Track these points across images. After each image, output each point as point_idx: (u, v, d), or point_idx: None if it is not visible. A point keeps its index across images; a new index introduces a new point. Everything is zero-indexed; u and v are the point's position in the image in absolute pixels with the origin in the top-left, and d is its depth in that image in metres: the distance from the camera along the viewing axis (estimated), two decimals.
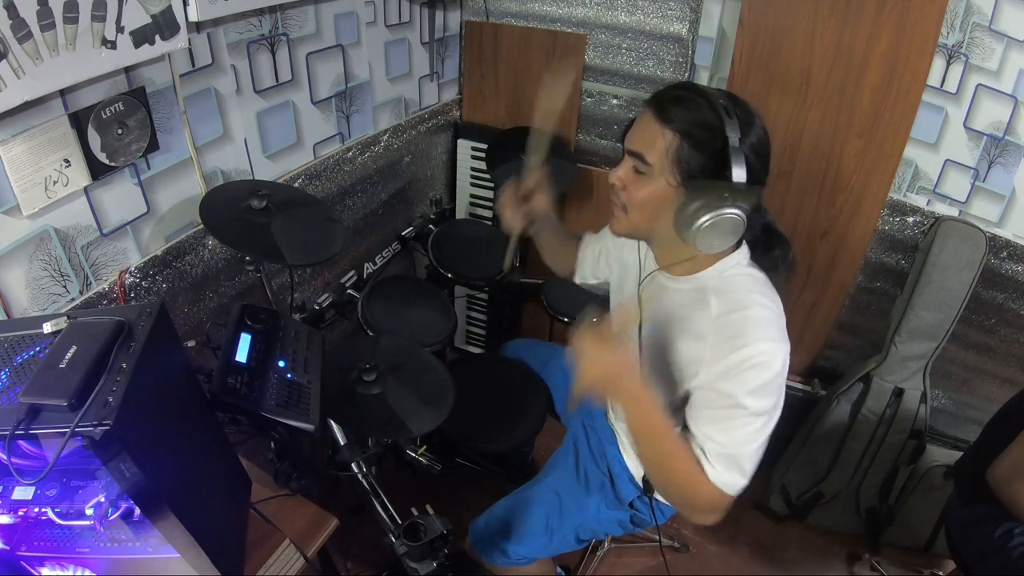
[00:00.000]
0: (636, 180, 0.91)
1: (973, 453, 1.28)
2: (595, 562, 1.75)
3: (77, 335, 0.67)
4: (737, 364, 0.87)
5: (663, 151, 0.86)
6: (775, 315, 0.91)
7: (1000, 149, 1.51)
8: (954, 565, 1.35)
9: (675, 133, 0.85)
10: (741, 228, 0.85)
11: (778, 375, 0.88)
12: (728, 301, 0.91)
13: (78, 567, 0.85)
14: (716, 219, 0.83)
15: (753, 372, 0.87)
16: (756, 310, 0.89)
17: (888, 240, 1.72)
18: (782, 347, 0.89)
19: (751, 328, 0.88)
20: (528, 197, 1.24)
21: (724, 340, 0.89)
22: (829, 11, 1.48)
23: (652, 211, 0.91)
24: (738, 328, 0.89)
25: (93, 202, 1.10)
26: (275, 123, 1.42)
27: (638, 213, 0.93)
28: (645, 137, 0.88)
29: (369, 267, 1.72)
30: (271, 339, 0.98)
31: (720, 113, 0.83)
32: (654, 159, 0.87)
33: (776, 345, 0.88)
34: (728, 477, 0.90)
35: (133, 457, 0.63)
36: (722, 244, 0.87)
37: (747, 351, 0.87)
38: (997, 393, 1.77)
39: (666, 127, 0.86)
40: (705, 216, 0.83)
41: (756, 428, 0.89)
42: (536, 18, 1.87)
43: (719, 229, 0.84)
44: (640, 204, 0.92)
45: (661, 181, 0.88)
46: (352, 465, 1.19)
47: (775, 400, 0.90)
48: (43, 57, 0.89)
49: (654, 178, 0.88)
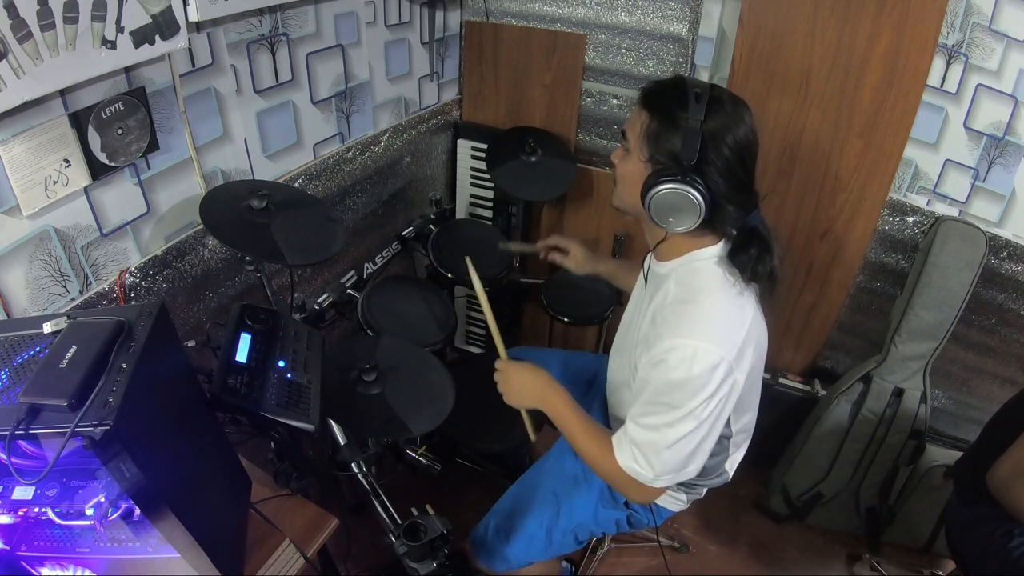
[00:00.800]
0: (622, 157, 1.00)
1: (972, 454, 1.28)
2: (595, 562, 1.75)
3: (77, 335, 0.67)
4: (660, 353, 0.91)
5: (639, 129, 0.94)
6: (723, 316, 0.91)
7: (1000, 149, 1.51)
8: (954, 565, 1.35)
9: (649, 114, 0.92)
10: (696, 209, 0.89)
11: (698, 377, 0.88)
12: (680, 291, 0.95)
13: (78, 567, 0.85)
14: (666, 193, 0.89)
15: (669, 365, 0.90)
16: (700, 306, 0.92)
17: (888, 240, 1.72)
18: (714, 349, 0.88)
19: (684, 322, 0.91)
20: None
21: (660, 327, 0.94)
22: (829, 11, 1.49)
23: (630, 186, 0.97)
24: (674, 319, 0.93)
25: (93, 202, 1.10)
26: (275, 123, 1.42)
27: (622, 187, 1.01)
28: (631, 119, 0.97)
29: (369, 267, 1.72)
30: (271, 339, 0.98)
31: (689, 99, 0.88)
32: (631, 137, 0.96)
33: (705, 345, 0.88)
34: (630, 462, 0.97)
35: (133, 457, 0.63)
36: (679, 223, 0.91)
37: (671, 343, 0.90)
38: (997, 393, 1.77)
39: (644, 110, 0.93)
40: (655, 189, 0.89)
41: (667, 422, 0.92)
42: (536, 18, 1.87)
43: (670, 205, 0.90)
44: (622, 179, 1.00)
45: (635, 157, 0.95)
46: (352, 465, 1.19)
47: (695, 403, 0.89)
48: (43, 57, 0.89)
49: (631, 154, 0.96)
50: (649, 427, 0.94)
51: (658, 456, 0.94)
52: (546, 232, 2.14)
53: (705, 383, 0.88)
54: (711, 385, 0.89)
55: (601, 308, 1.78)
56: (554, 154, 1.87)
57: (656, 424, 0.93)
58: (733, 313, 0.92)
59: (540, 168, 1.83)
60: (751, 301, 0.95)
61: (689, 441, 0.92)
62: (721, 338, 0.89)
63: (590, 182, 1.97)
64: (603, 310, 1.78)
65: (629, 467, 0.97)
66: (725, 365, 0.88)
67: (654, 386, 0.93)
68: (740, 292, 0.94)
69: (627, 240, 1.96)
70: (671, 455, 0.93)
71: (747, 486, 1.99)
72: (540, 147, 1.83)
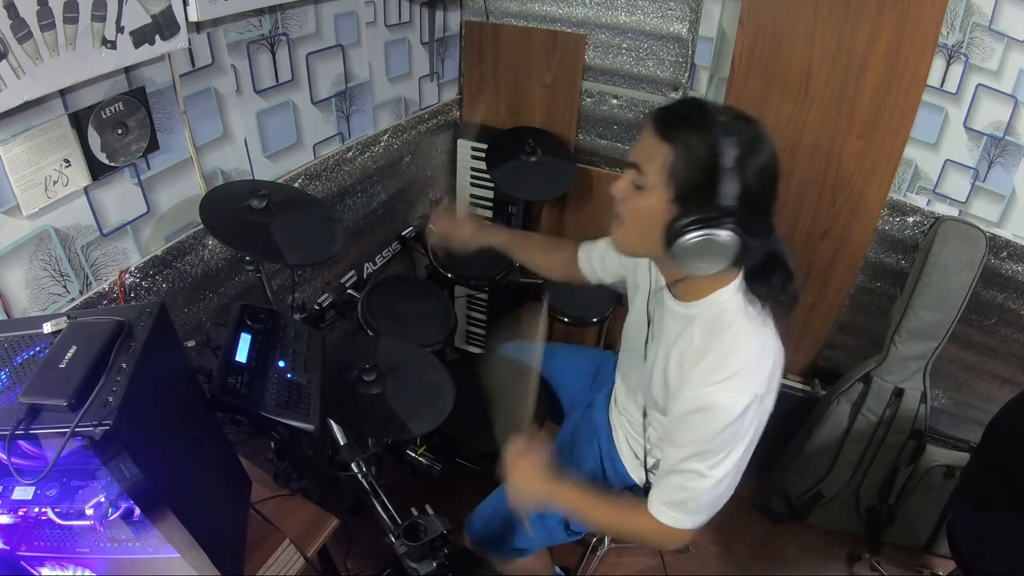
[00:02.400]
0: (634, 193, 0.89)
1: (981, 456, 1.27)
2: (595, 562, 1.75)
3: (77, 335, 0.67)
4: (695, 402, 0.89)
5: (660, 166, 0.84)
6: (753, 355, 0.89)
7: (1000, 149, 1.51)
8: (954, 565, 1.34)
9: (672, 148, 0.83)
10: (731, 252, 0.82)
11: (737, 420, 0.87)
12: (708, 337, 0.91)
13: (78, 567, 0.85)
14: (701, 239, 0.81)
15: (709, 415, 0.88)
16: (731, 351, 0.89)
17: (888, 240, 1.72)
18: (748, 390, 0.87)
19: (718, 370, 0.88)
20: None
21: (691, 373, 0.91)
22: (829, 11, 1.48)
23: (645, 226, 0.88)
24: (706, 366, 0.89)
25: (93, 202, 1.10)
26: (275, 123, 1.42)
27: (632, 227, 0.91)
28: (645, 150, 0.86)
29: (369, 267, 1.72)
30: (271, 339, 0.98)
31: (718, 132, 0.80)
32: (651, 173, 0.85)
33: (740, 386, 0.87)
34: (673, 520, 0.95)
35: (133, 457, 0.63)
36: (710, 267, 0.85)
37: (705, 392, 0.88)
38: (997, 393, 1.77)
39: (664, 142, 0.84)
40: (690, 235, 0.81)
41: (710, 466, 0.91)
42: (536, 18, 1.87)
43: (704, 250, 0.82)
44: (634, 218, 0.90)
45: (655, 196, 0.85)
46: (352, 465, 1.19)
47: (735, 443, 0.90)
48: (43, 57, 0.89)
49: (649, 192, 0.86)
50: (692, 473, 0.93)
51: (699, 501, 0.94)
52: (546, 232, 2.14)
53: (743, 422, 0.88)
54: (746, 421, 0.88)
55: (601, 308, 1.78)
56: (554, 154, 1.87)
57: (700, 470, 0.92)
58: (760, 348, 0.90)
59: (540, 168, 1.83)
60: (771, 325, 0.93)
61: (728, 477, 0.93)
62: (754, 377, 0.88)
63: (590, 182, 1.97)
64: (603, 310, 1.78)
65: (675, 524, 0.96)
66: (758, 400, 0.88)
67: (692, 435, 0.91)
68: (764, 322, 0.91)
69: None
70: (712, 496, 0.94)
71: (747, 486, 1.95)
72: (540, 147, 1.83)
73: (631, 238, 0.93)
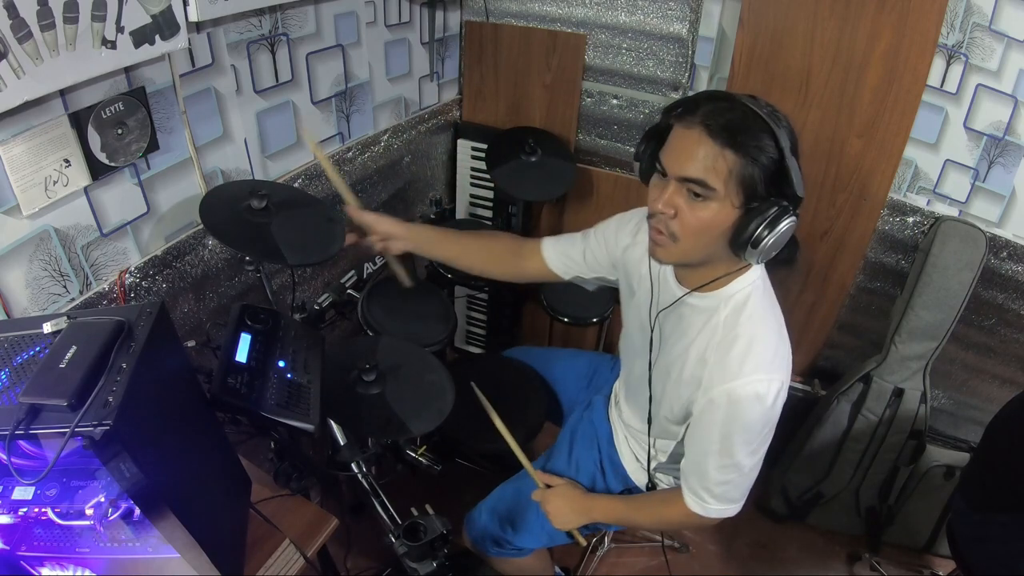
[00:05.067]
0: (692, 205, 0.84)
1: (982, 456, 1.27)
2: (595, 562, 1.75)
3: (77, 335, 0.67)
4: (725, 395, 0.90)
5: (726, 174, 0.81)
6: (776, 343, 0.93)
7: (1000, 149, 1.51)
8: (954, 565, 1.34)
9: (736, 153, 0.80)
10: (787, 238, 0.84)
11: (770, 409, 0.90)
12: (731, 329, 0.92)
13: (78, 567, 0.85)
14: (780, 234, 0.82)
15: (742, 408, 0.90)
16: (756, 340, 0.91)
17: (888, 240, 1.72)
18: (777, 378, 0.90)
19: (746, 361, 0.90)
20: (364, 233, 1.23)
21: (717, 367, 0.92)
22: (829, 11, 1.48)
23: (710, 237, 0.85)
24: (733, 359, 0.91)
25: (93, 202, 1.10)
26: (275, 123, 1.42)
27: (695, 240, 0.86)
28: (701, 160, 0.81)
29: (369, 267, 1.71)
30: (271, 339, 0.98)
31: (771, 125, 0.80)
32: (718, 183, 0.81)
33: (768, 377, 0.89)
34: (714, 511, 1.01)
35: (133, 457, 0.63)
36: (766, 256, 0.85)
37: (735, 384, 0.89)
38: (997, 393, 1.77)
39: (727, 149, 0.80)
40: (772, 233, 0.81)
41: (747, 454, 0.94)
42: (536, 18, 1.87)
43: (779, 242, 0.84)
44: (698, 230, 0.85)
45: (726, 204, 0.82)
46: (352, 465, 1.19)
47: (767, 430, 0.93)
48: (43, 57, 0.89)
49: (717, 202, 0.82)
50: (730, 467, 0.95)
51: (739, 489, 0.99)
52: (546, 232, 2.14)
53: (775, 409, 0.91)
54: (777, 407, 0.91)
55: (601, 308, 1.78)
56: (554, 154, 1.87)
57: (737, 460, 0.94)
58: (779, 330, 0.94)
59: (540, 168, 1.83)
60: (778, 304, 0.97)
61: (760, 460, 0.97)
62: (779, 365, 0.91)
63: (590, 182, 1.97)
64: (603, 310, 1.78)
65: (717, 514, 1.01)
66: (786, 386, 0.91)
67: (727, 428, 0.92)
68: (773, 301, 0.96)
69: None
70: (750, 480, 0.98)
71: None
72: (540, 147, 1.83)
73: (687, 250, 0.88)
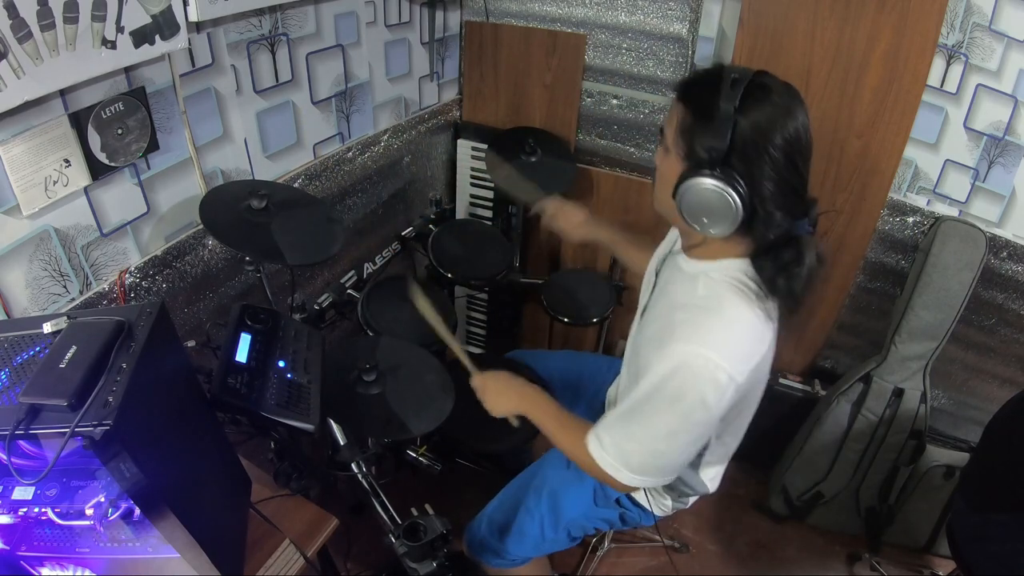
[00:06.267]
0: (662, 156, 0.92)
1: (982, 456, 1.27)
2: (595, 562, 1.75)
3: (77, 335, 0.67)
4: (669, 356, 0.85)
5: (676, 126, 0.86)
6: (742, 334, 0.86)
7: (1000, 149, 1.51)
8: (954, 565, 1.34)
9: (684, 106, 0.85)
10: (729, 209, 0.81)
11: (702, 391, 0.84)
12: (706, 297, 0.89)
13: (78, 567, 0.85)
14: (691, 190, 0.83)
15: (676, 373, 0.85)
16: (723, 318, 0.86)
17: (888, 240, 1.72)
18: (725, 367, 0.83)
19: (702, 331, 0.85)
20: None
21: (676, 327, 0.87)
22: (829, 11, 1.48)
23: (664, 185, 0.90)
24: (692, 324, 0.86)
25: (93, 202, 1.10)
26: (275, 123, 1.42)
27: (659, 187, 0.93)
28: (668, 114, 0.90)
29: (369, 267, 1.72)
30: (271, 339, 0.98)
31: (723, 86, 0.80)
32: (669, 133, 0.88)
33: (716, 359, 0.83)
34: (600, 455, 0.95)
35: (133, 457, 0.63)
36: (711, 224, 0.84)
37: (683, 348, 0.84)
38: (997, 393, 1.77)
39: (679, 102, 0.86)
40: (683, 186, 0.83)
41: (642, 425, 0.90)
42: (536, 18, 1.87)
43: (699, 203, 0.83)
44: (659, 179, 0.93)
45: (673, 155, 0.88)
46: (352, 465, 1.19)
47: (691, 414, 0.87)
48: (43, 57, 0.89)
49: (669, 152, 0.88)
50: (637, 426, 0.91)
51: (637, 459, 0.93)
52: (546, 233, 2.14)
53: (705, 398, 0.85)
54: (710, 400, 0.85)
55: (601, 308, 1.78)
56: (554, 154, 1.87)
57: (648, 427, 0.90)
58: (753, 334, 0.87)
59: (540, 168, 1.83)
60: (772, 327, 0.90)
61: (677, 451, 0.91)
62: (735, 357, 0.85)
63: (590, 182, 1.97)
64: (603, 310, 1.78)
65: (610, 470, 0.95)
66: (733, 385, 0.85)
67: (652, 388, 0.88)
68: (768, 316, 0.88)
69: None
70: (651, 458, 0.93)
71: (747, 486, 1.99)
72: (540, 147, 1.83)
73: (658, 198, 0.95)
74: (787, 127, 0.80)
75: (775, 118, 0.80)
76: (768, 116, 0.80)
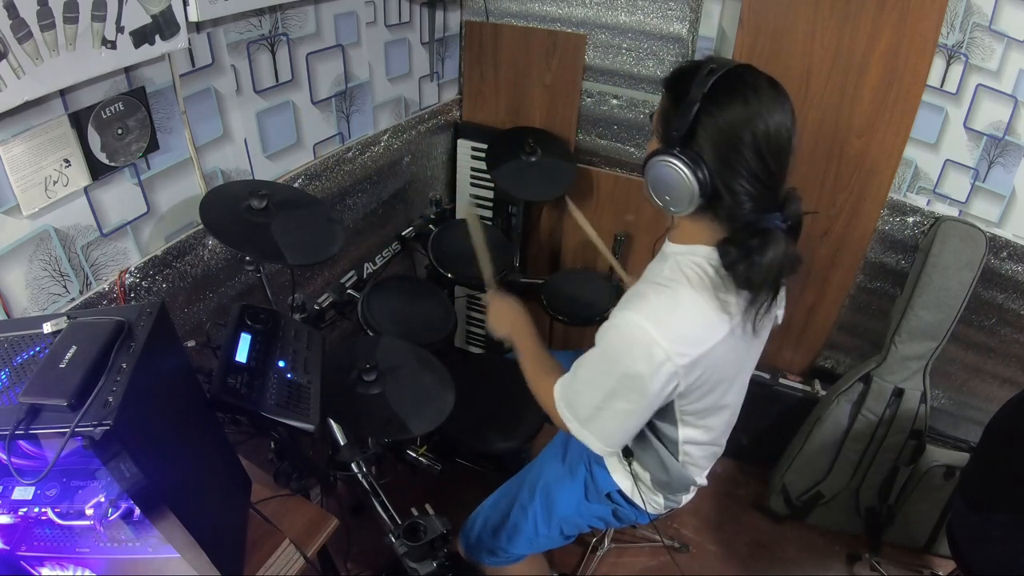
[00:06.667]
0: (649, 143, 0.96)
1: (982, 456, 1.27)
2: (595, 562, 1.75)
3: (77, 335, 0.67)
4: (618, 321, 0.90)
5: (659, 111, 0.91)
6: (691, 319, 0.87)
7: (1000, 149, 1.51)
8: (954, 565, 1.34)
9: (665, 92, 0.89)
10: (685, 187, 0.83)
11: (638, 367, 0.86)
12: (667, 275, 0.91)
13: (78, 567, 0.85)
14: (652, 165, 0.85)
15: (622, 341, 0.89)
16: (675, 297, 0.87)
17: (888, 240, 1.72)
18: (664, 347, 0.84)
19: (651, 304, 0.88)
20: None
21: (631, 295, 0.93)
22: (829, 11, 1.49)
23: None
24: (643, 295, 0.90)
25: (93, 202, 1.10)
26: (275, 123, 1.42)
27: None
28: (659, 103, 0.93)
29: (369, 267, 1.72)
30: (271, 339, 0.98)
31: (697, 75, 0.82)
32: (654, 120, 0.92)
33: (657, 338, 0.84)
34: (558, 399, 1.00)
35: (133, 457, 0.63)
36: (672, 203, 0.86)
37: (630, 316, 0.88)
38: (997, 393, 1.77)
39: (663, 89, 0.90)
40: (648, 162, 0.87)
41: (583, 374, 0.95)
42: (536, 18, 1.87)
43: (659, 179, 0.85)
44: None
45: (653, 139, 0.92)
46: (352, 465, 1.19)
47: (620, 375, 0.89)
48: (43, 57, 0.89)
49: (651, 137, 0.93)
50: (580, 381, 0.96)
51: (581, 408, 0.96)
52: (546, 233, 2.14)
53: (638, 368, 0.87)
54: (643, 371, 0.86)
55: (601, 308, 1.78)
56: (554, 154, 1.87)
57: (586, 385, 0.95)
58: (702, 320, 0.87)
59: (540, 168, 1.83)
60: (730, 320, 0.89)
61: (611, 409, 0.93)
62: (675, 338, 0.85)
63: (590, 182, 1.97)
64: (603, 310, 1.77)
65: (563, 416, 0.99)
66: (670, 366, 0.85)
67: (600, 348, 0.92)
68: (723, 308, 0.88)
69: (627, 240, 1.96)
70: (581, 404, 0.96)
71: (747, 486, 1.99)
72: (540, 147, 1.83)
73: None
74: (759, 118, 0.81)
75: (745, 108, 0.81)
76: (738, 105, 0.81)
